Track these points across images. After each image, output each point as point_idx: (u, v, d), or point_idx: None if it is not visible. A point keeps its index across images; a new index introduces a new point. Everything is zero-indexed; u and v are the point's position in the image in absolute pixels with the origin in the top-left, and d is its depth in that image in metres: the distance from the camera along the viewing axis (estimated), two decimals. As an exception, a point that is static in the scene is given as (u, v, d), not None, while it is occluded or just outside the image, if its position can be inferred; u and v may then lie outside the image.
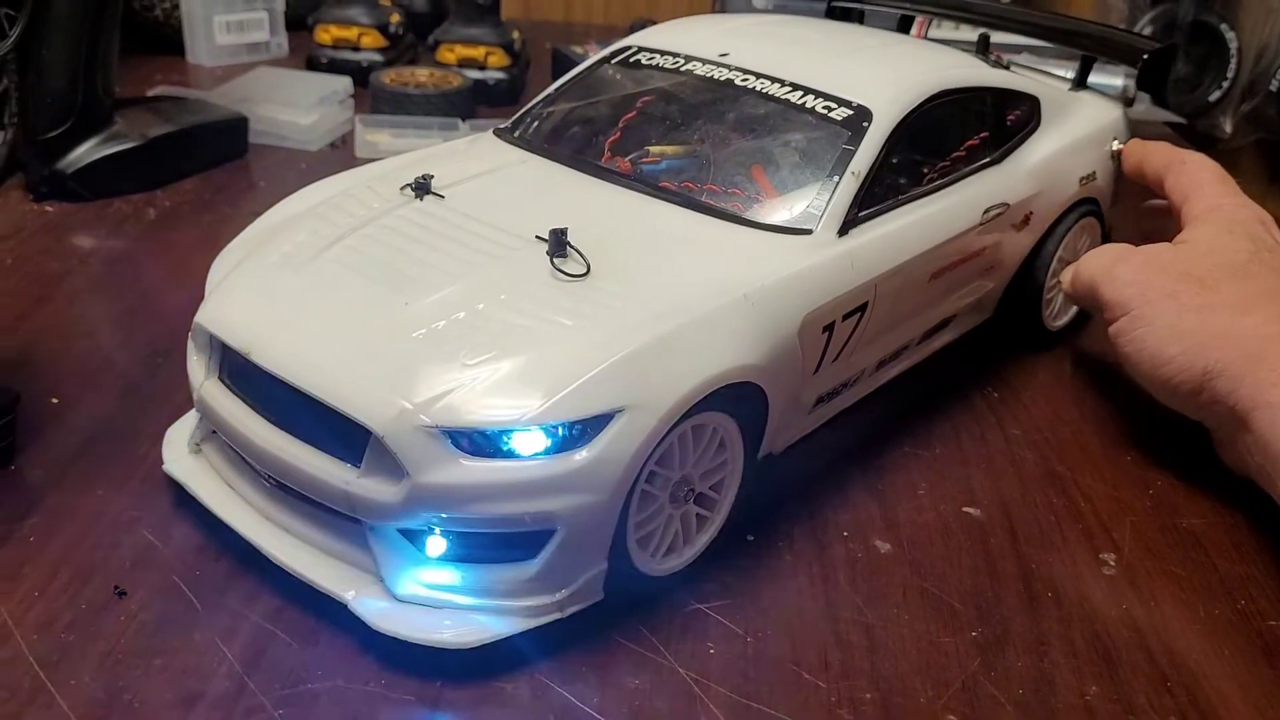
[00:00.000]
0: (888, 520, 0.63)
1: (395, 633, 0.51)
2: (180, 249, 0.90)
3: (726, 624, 0.55)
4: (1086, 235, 0.83)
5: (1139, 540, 0.64)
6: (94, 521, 0.59)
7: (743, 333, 0.55)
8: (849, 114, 0.65)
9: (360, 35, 1.27)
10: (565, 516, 0.50)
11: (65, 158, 0.94)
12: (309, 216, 0.62)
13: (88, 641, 0.51)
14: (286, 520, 0.55)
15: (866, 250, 0.62)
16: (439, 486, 0.49)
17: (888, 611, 0.57)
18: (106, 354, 0.74)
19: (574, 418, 0.49)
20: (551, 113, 0.74)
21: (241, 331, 0.54)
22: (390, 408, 0.49)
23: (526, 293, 0.54)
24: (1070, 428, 0.74)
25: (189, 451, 0.61)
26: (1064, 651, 0.55)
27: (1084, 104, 0.84)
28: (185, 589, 0.55)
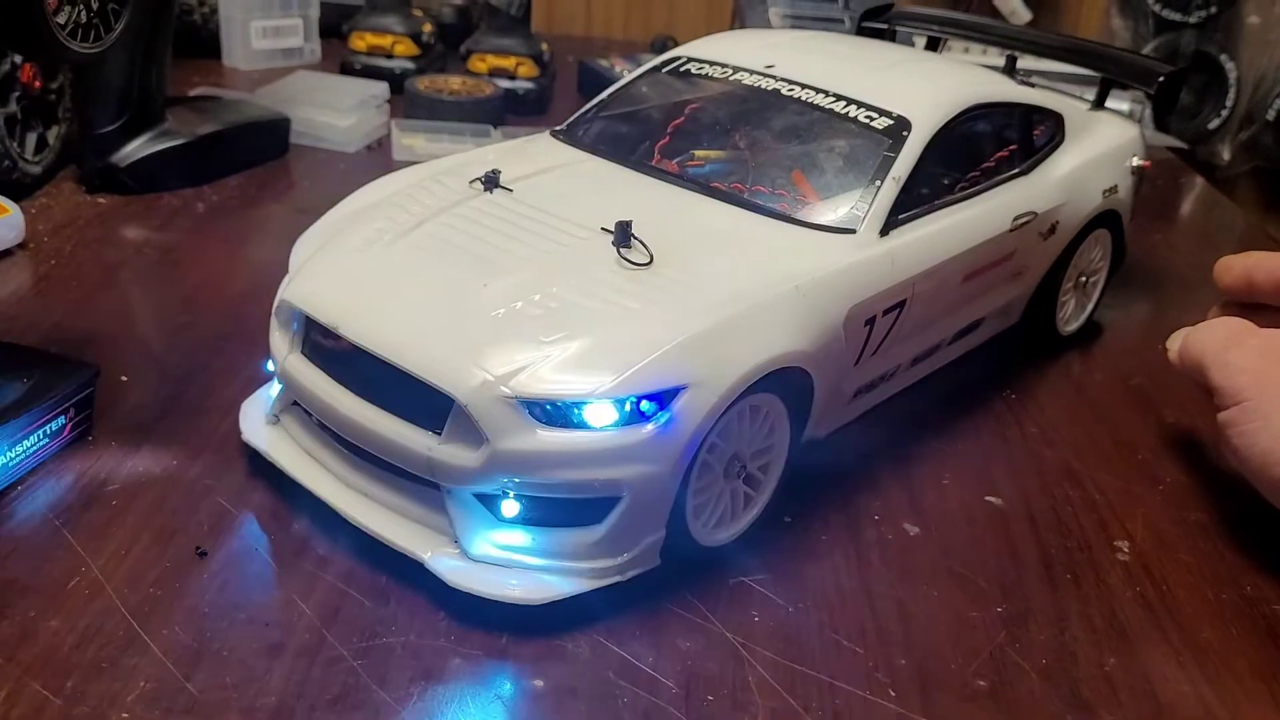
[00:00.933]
0: (916, 507, 0.67)
1: (469, 588, 0.54)
2: (230, 241, 0.94)
3: (770, 595, 0.58)
4: (1100, 247, 0.88)
5: (1150, 530, 0.68)
6: (171, 488, 0.62)
7: (794, 321, 0.59)
8: (890, 123, 0.70)
9: (394, 43, 1.31)
10: (631, 484, 0.54)
11: (119, 152, 0.98)
12: (385, 205, 0.66)
13: (174, 596, 0.55)
14: (365, 486, 0.59)
15: (906, 250, 0.66)
16: (516, 453, 0.53)
17: (918, 588, 0.60)
18: (169, 336, 0.78)
19: (642, 392, 0.53)
20: (606, 117, 0.78)
21: (330, 308, 0.58)
22: (473, 378, 0.53)
23: (595, 278, 0.58)
24: (1084, 428, 0.78)
25: (267, 423, 0.65)
26: (1083, 627, 0.59)
27: (1103, 123, 0.89)
28: (262, 551, 0.58)
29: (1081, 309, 0.89)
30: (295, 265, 0.65)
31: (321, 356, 0.60)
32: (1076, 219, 0.82)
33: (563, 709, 0.50)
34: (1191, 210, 1.34)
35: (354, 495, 0.59)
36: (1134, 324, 0.96)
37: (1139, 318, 0.98)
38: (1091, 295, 0.90)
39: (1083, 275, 0.88)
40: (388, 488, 0.58)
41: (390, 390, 0.56)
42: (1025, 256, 0.78)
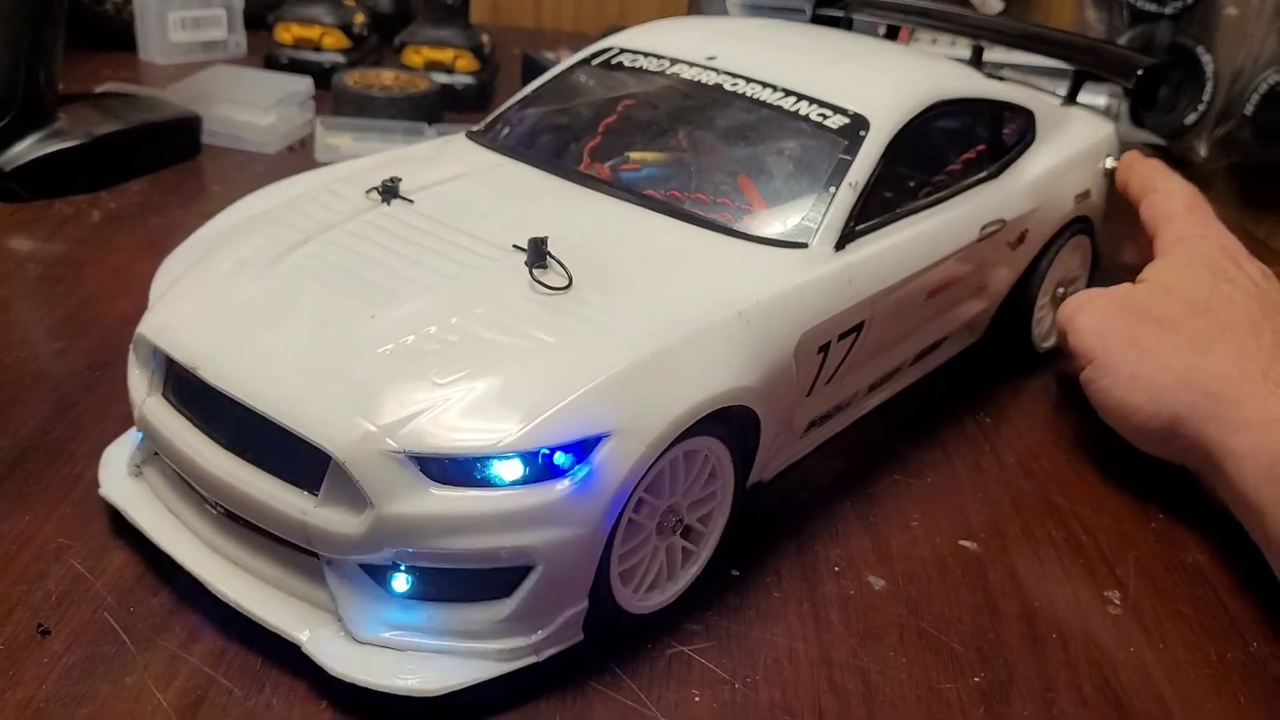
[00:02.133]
0: (880, 554, 0.60)
1: (354, 679, 0.46)
2: (124, 254, 0.85)
3: (712, 668, 0.51)
4: (1078, 254, 0.81)
5: (1144, 576, 0.60)
6: (19, 550, 0.54)
7: (738, 352, 0.51)
8: (846, 122, 0.62)
9: (323, 35, 1.22)
10: (545, 552, 0.45)
11: (3, 155, 0.89)
12: (266, 220, 0.58)
13: (5, 688, 0.46)
14: (235, 552, 0.50)
15: (864, 266, 0.58)
16: (406, 518, 0.44)
17: (884, 654, 0.53)
18: (40, 365, 0.69)
19: (556, 443, 0.45)
20: (528, 115, 0.70)
21: (188, 344, 0.50)
22: (353, 430, 0.44)
23: (503, 306, 0.50)
24: (1066, 455, 0.71)
25: (129, 474, 0.56)
26: (1072, 699, 0.51)
27: (1076, 119, 0.81)
28: (117, 626, 0.50)
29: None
30: (156, 292, 0.56)
31: (187, 400, 0.52)
32: (1047, 226, 0.75)
33: (462, 826, 0.42)
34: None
35: (223, 564, 0.51)
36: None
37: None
38: None
39: (1060, 286, 0.80)
40: (261, 556, 0.50)
41: (261, 442, 0.48)
42: (993, 268, 0.71)
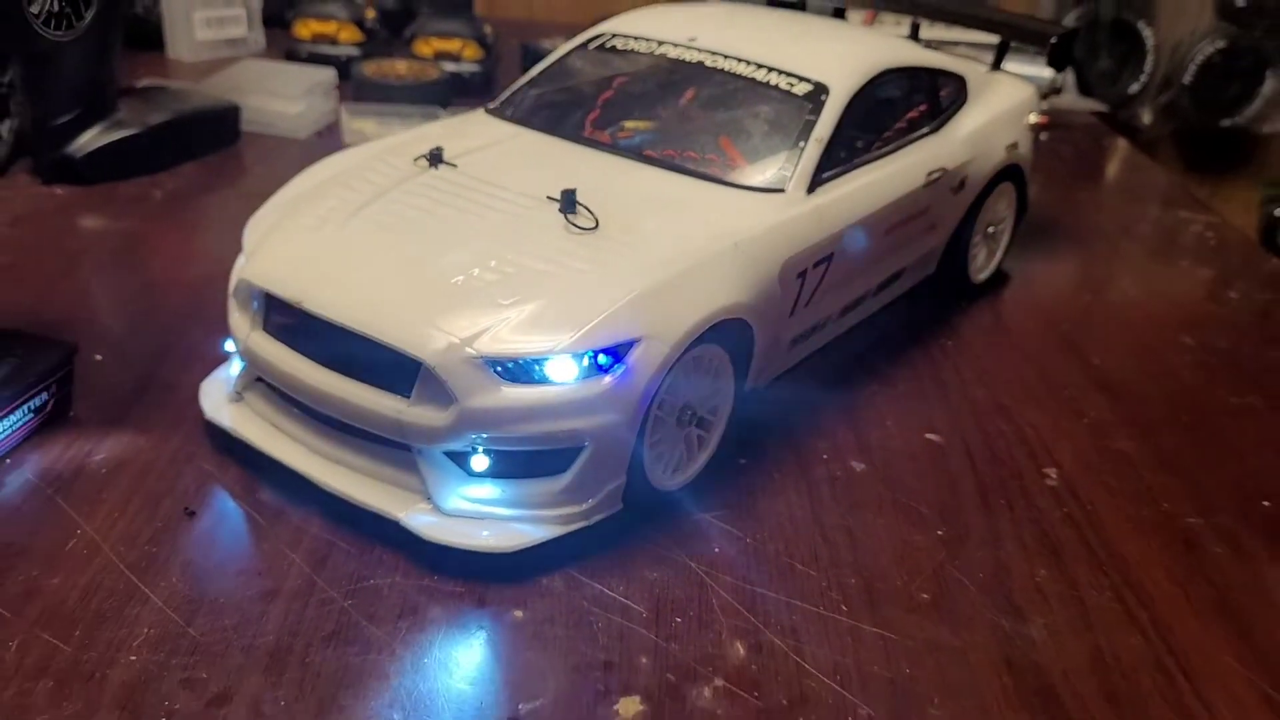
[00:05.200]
0: (861, 445, 0.72)
1: (444, 541, 0.58)
2: (187, 227, 0.96)
3: (728, 529, 0.63)
4: (1004, 199, 0.93)
5: (1076, 459, 0.73)
6: (155, 456, 0.65)
7: (735, 275, 0.63)
8: (810, 88, 0.74)
9: (339, 30, 1.33)
10: (592, 434, 0.58)
11: (74, 143, 1.00)
12: (334, 184, 0.69)
13: (169, 553, 0.58)
14: (336, 453, 0.62)
15: (831, 206, 0.71)
16: (483, 410, 0.56)
17: (865, 517, 0.65)
18: (136, 320, 0.81)
19: (599, 347, 0.57)
20: (536, 93, 0.81)
21: (291, 284, 0.61)
22: (439, 341, 0.56)
23: (546, 244, 0.61)
24: (1014, 370, 0.84)
25: (229, 400, 0.68)
26: (1016, 545, 0.64)
27: (1002, 83, 0.94)
28: (247, 511, 0.62)
29: (991, 258, 0.95)
30: (249, 245, 0.67)
31: (284, 332, 0.63)
32: (983, 173, 0.87)
33: (542, 635, 0.54)
34: (1115, 170, 1.40)
35: (325, 463, 0.62)
36: (1062, 275, 1.02)
37: (1067, 269, 1.04)
38: (999, 245, 0.95)
39: (990, 226, 0.93)
40: (358, 453, 0.62)
41: (356, 359, 0.59)
42: (938, 210, 0.83)
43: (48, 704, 0.49)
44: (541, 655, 0.54)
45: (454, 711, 0.50)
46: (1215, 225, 1.17)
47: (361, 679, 0.51)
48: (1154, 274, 1.06)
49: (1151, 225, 1.19)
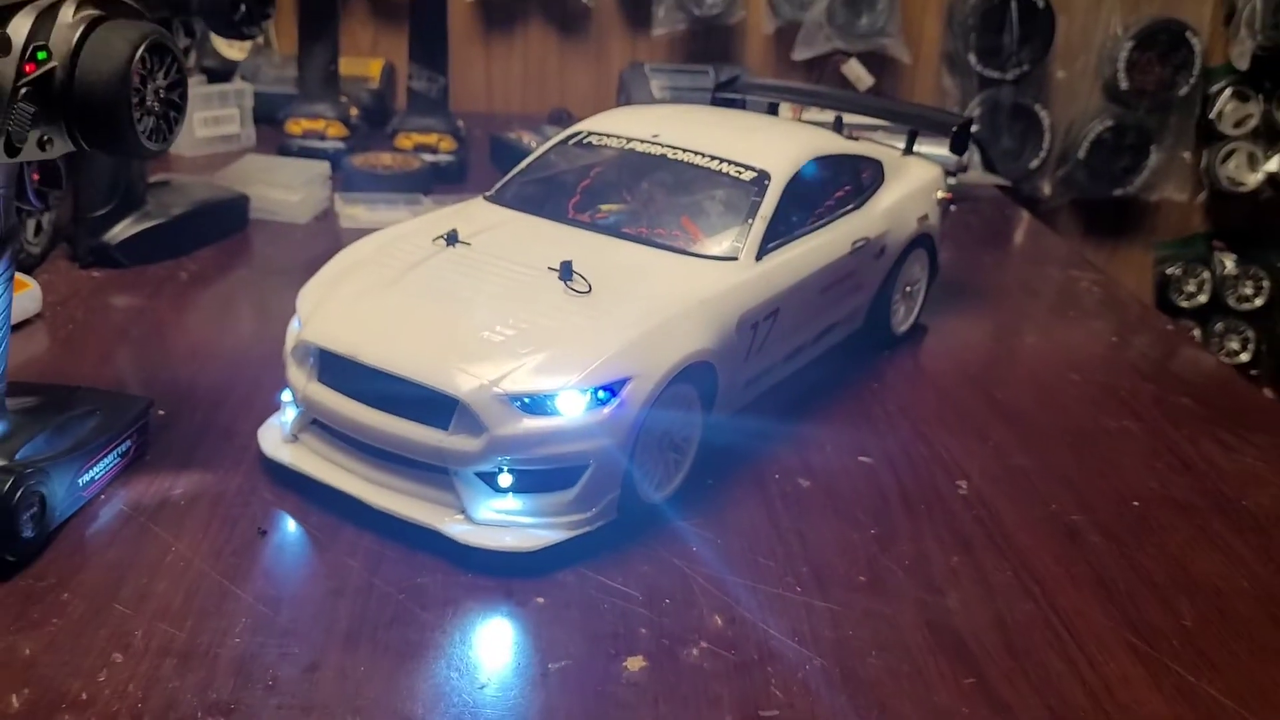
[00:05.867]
0: (806, 466, 0.87)
1: (478, 544, 0.72)
2: (216, 303, 1.10)
3: (702, 533, 0.77)
4: (919, 263, 1.10)
5: (983, 473, 0.89)
6: (224, 489, 0.78)
7: (702, 326, 0.78)
8: (755, 175, 0.90)
9: (327, 126, 1.48)
10: (595, 454, 0.72)
11: (109, 232, 1.13)
12: (369, 263, 0.83)
13: (250, 562, 0.71)
14: (383, 479, 0.76)
15: (776, 270, 0.87)
16: (509, 437, 0.71)
17: (812, 521, 0.80)
18: (186, 380, 0.94)
19: (599, 384, 0.72)
20: (526, 182, 0.97)
21: (346, 342, 0.75)
22: (472, 383, 0.71)
23: (552, 304, 0.76)
24: (932, 406, 0.99)
25: (285, 442, 0.81)
26: (934, 540, 0.79)
27: (913, 165, 1.11)
28: (308, 530, 0.75)
29: (910, 313, 1.11)
30: (303, 313, 0.81)
31: (338, 381, 0.77)
32: (899, 241, 1.04)
33: (560, 616, 0.68)
34: (1016, 237, 1.59)
35: (374, 486, 0.76)
36: (971, 326, 1.19)
37: (975, 321, 1.21)
38: (916, 301, 1.12)
39: (908, 286, 1.09)
40: (402, 477, 0.75)
41: (401, 400, 0.73)
42: (863, 273, 1.00)
43: (175, 674, 0.61)
44: (561, 630, 0.67)
45: (498, 670, 0.64)
46: (1102, 282, 1.35)
47: (421, 650, 0.65)
48: (1048, 324, 1.24)
49: (1047, 283, 1.37)
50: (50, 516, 0.71)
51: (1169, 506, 0.86)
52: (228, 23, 1.13)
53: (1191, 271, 2.15)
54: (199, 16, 1.11)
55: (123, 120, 0.69)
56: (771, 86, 1.24)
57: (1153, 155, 2.03)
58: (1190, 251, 2.16)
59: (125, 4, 0.73)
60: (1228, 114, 2.03)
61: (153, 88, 0.71)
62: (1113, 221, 2.12)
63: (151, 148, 0.72)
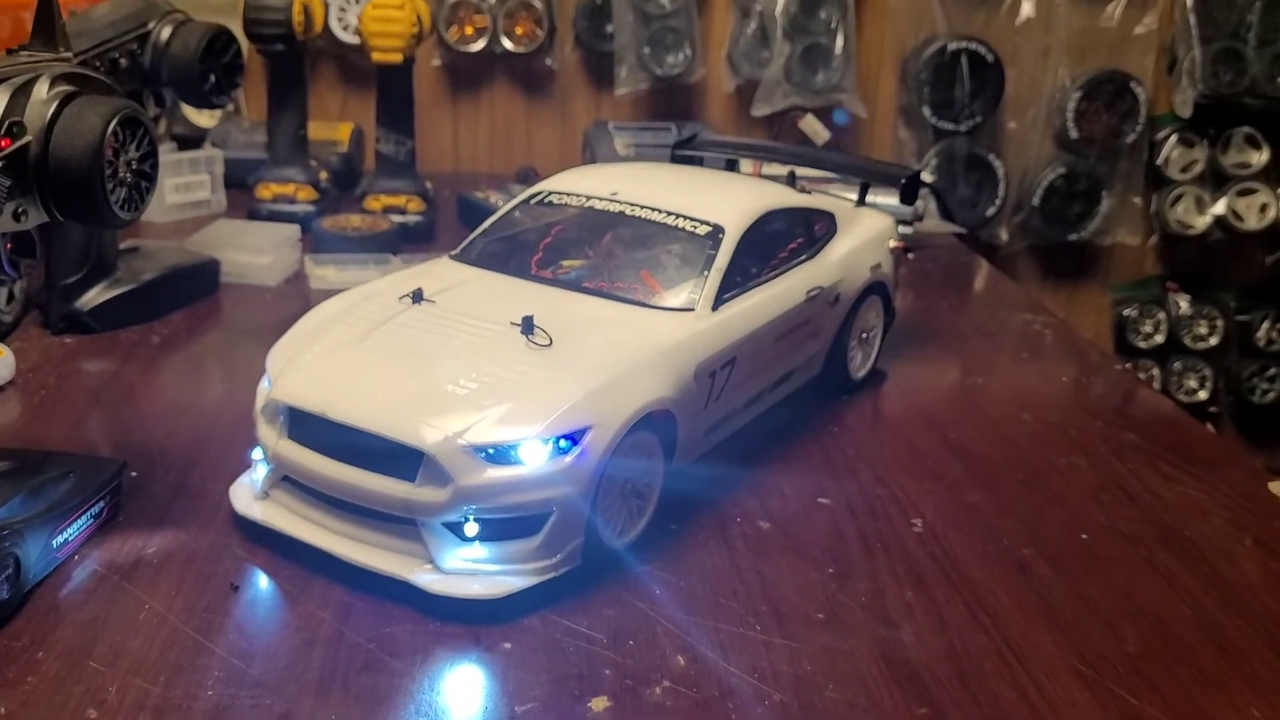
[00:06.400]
0: (765, 509, 0.90)
1: (444, 593, 0.74)
2: (187, 366, 1.12)
3: (665, 576, 0.80)
4: (874, 310, 1.14)
5: (937, 511, 0.91)
6: (197, 547, 0.80)
7: (660, 376, 0.81)
8: (709, 229, 0.94)
9: (296, 190, 1.51)
10: (558, 502, 0.75)
11: (80, 298, 1.15)
12: (337, 321, 0.86)
13: (223, 617, 0.73)
14: (351, 531, 0.78)
15: (732, 320, 0.90)
16: (474, 486, 0.73)
17: (772, 562, 0.82)
18: (158, 442, 0.95)
19: (561, 433, 0.74)
20: (489, 241, 1.00)
21: (315, 399, 0.78)
22: (437, 435, 0.73)
23: (514, 358, 0.79)
24: (888, 448, 1.02)
25: (256, 499, 0.83)
26: (890, 577, 0.82)
27: (865, 216, 1.15)
28: (280, 584, 0.77)
29: (867, 359, 1.14)
30: (273, 371, 0.83)
31: (307, 437, 0.79)
32: (853, 289, 1.07)
33: (526, 660, 0.70)
34: (975, 284, 1.63)
35: (345, 540, 0.78)
36: (927, 370, 1.23)
37: (931, 365, 1.24)
38: (873, 348, 1.15)
39: (863, 333, 1.13)
40: (370, 529, 0.77)
41: (369, 454, 0.75)
42: (819, 321, 1.03)
43: (150, 728, 0.63)
44: (528, 673, 0.69)
45: (467, 715, 0.66)
46: (1054, 325, 1.39)
47: (391, 696, 0.67)
48: (1003, 366, 1.28)
49: (1002, 327, 1.41)
50: (25, 578, 0.73)
51: (1115, 538, 0.89)
52: (197, 93, 1.17)
53: (1147, 313, 2.20)
54: (169, 87, 1.15)
55: (96, 192, 0.72)
56: (727, 144, 1.28)
57: (1104, 201, 2.08)
58: (1145, 293, 2.21)
59: (97, 79, 0.76)
60: (1174, 160, 2.10)
61: (125, 159, 0.74)
62: (1069, 265, 2.18)
63: (124, 217, 0.75)
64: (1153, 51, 2.05)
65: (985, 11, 2.00)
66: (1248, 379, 2.23)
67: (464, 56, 1.91)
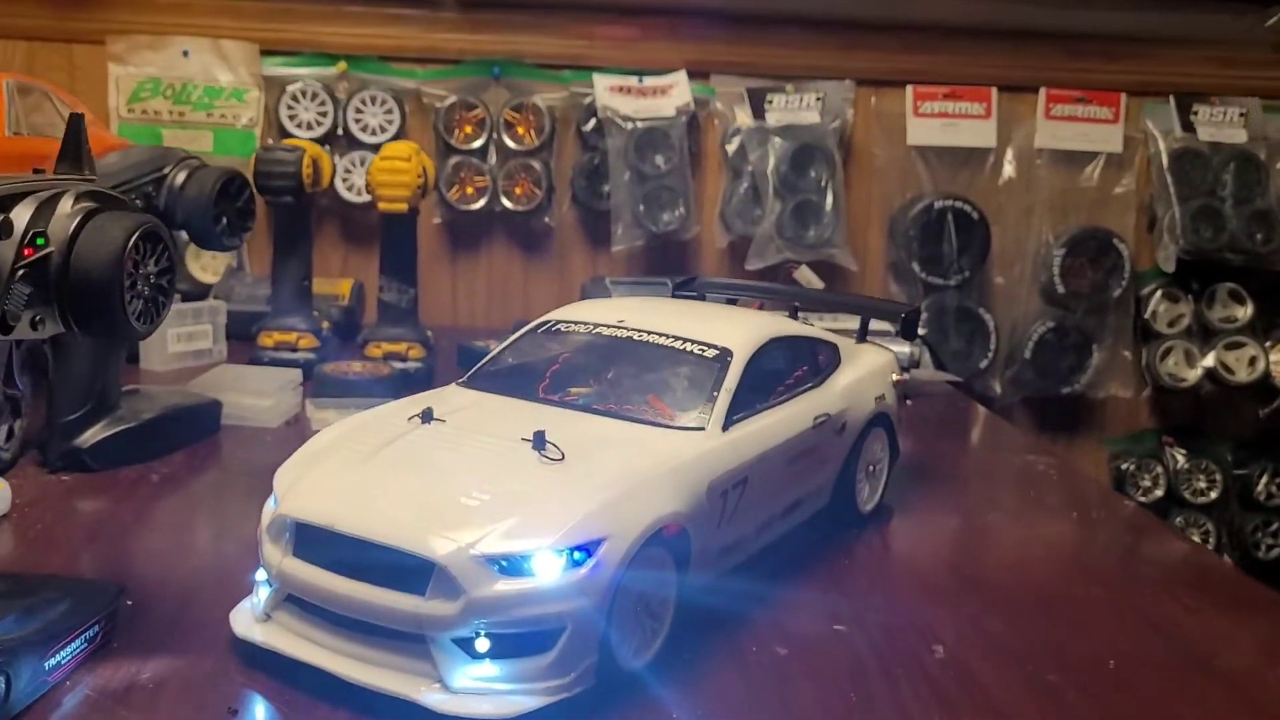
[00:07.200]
0: (782, 636, 0.87)
1: (454, 713, 0.70)
2: (186, 504, 1.10)
3: (681, 699, 0.76)
4: (879, 442, 1.13)
5: (959, 638, 0.89)
6: (194, 673, 0.77)
7: (674, 490, 0.80)
8: (717, 353, 0.94)
9: (299, 339, 1.52)
10: (572, 615, 0.72)
11: (80, 436, 1.14)
12: (345, 440, 0.85)
13: (221, 743, 0.69)
14: (357, 650, 0.75)
15: (743, 440, 0.89)
16: (486, 598, 0.71)
17: (791, 687, 0.79)
18: (157, 574, 0.93)
19: (575, 544, 0.73)
20: (496, 369, 1.00)
21: (322, 513, 0.76)
22: (450, 545, 0.71)
23: (526, 472, 0.78)
24: (900, 579, 1.01)
25: (258, 621, 0.80)
26: (915, 702, 0.78)
27: (867, 350, 1.16)
28: (279, 708, 0.73)
29: (875, 492, 1.13)
30: (280, 490, 0.82)
31: (314, 555, 0.77)
32: (859, 419, 1.07)
33: (540, 781, 0.67)
34: (974, 428, 1.63)
35: (349, 660, 0.75)
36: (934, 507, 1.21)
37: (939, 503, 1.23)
38: (880, 481, 1.14)
39: (870, 465, 1.12)
40: (377, 648, 0.74)
41: (377, 569, 0.73)
42: (826, 449, 1.03)
43: None
44: (542, 796, 0.66)
45: (478, 837, 0.62)
46: (1057, 465, 1.39)
47: (398, 819, 0.63)
48: (1010, 503, 1.27)
49: (1005, 467, 1.41)
50: (14, 699, 0.69)
51: (1144, 666, 0.86)
52: (210, 235, 1.19)
53: (1145, 467, 2.20)
54: (183, 228, 1.17)
55: (115, 303, 0.72)
56: (727, 284, 1.31)
57: (1095, 354, 2.11)
58: (1142, 447, 2.22)
59: (119, 199, 0.78)
60: (1161, 314, 2.14)
61: (144, 272, 0.75)
62: (1065, 418, 2.19)
63: (140, 329, 0.75)
64: (1132, 210, 2.12)
65: (969, 171, 2.08)
66: (1251, 533, 2.21)
67: (464, 214, 1.96)
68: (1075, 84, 2.09)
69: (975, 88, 2.07)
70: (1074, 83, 2.09)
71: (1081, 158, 2.11)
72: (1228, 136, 2.11)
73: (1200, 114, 2.11)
